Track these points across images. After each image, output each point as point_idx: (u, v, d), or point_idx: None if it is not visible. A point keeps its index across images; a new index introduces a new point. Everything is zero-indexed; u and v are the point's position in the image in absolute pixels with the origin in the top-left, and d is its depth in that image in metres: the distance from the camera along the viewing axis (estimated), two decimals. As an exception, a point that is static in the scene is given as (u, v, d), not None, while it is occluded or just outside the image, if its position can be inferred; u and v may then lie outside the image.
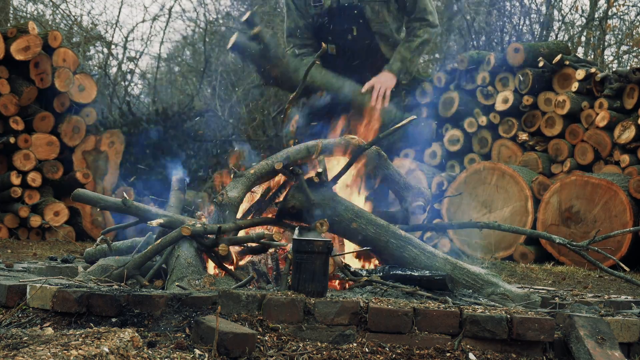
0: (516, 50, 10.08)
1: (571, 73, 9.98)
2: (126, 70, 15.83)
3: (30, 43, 9.57)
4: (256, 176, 4.94)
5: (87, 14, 21.58)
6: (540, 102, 10.02)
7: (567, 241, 5.12)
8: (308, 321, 3.87)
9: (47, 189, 9.89)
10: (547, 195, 9.08)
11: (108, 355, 3.12)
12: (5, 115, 9.52)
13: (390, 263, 4.86)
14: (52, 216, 9.67)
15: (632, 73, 9.50)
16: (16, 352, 2.97)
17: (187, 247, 4.67)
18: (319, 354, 3.70)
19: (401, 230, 4.95)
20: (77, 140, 10.11)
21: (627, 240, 8.66)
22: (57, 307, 3.98)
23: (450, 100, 10.55)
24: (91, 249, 5.47)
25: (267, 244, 4.58)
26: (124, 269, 4.53)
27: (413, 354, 3.80)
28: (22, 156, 9.61)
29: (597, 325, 4.03)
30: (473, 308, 4.07)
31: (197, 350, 3.57)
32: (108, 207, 5.06)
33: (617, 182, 8.80)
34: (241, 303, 3.91)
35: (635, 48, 15.68)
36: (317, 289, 4.03)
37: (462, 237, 9.45)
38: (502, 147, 10.20)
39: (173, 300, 3.94)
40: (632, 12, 16.42)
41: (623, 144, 9.35)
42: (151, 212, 4.94)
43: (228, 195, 4.75)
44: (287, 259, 4.30)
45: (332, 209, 4.88)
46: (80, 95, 10.10)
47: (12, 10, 15.37)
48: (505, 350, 3.93)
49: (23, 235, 9.63)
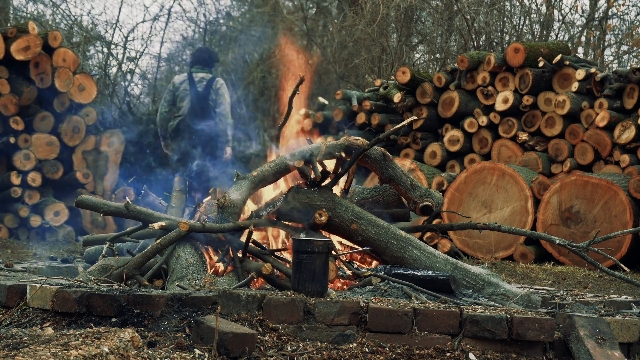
0: (516, 50, 10.08)
1: (571, 73, 9.98)
2: (126, 70, 15.83)
3: (30, 43, 9.57)
4: (259, 178, 4.95)
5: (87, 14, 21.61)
6: (540, 102, 10.02)
7: (567, 242, 5.12)
8: (308, 321, 3.87)
9: (47, 189, 9.89)
10: (547, 195, 9.08)
11: (108, 355, 3.12)
12: (5, 115, 9.51)
13: (390, 264, 4.87)
14: (52, 216, 9.67)
15: (632, 73, 9.49)
16: (16, 352, 2.97)
17: (188, 247, 4.68)
18: (319, 354, 3.70)
19: (401, 231, 4.96)
20: (77, 140, 10.11)
21: (627, 241, 8.66)
22: (57, 307, 3.98)
23: (450, 100, 10.55)
24: (91, 249, 5.48)
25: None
26: (124, 269, 4.53)
27: (413, 354, 3.80)
28: (22, 156, 9.61)
29: (597, 325, 4.03)
30: (473, 308, 4.07)
31: (197, 350, 3.57)
32: (111, 213, 5.06)
33: (617, 182, 8.80)
34: (241, 303, 3.92)
35: (635, 48, 15.68)
36: (317, 289, 4.02)
37: (462, 237, 9.45)
38: (502, 147, 10.20)
39: (173, 300, 3.94)
40: (632, 12, 16.44)
41: (623, 144, 9.35)
42: (154, 215, 4.95)
43: (230, 197, 4.76)
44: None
45: (332, 210, 4.88)
46: (80, 95, 10.10)
47: (12, 10, 15.37)
48: (505, 350, 3.93)
49: (23, 235, 9.63)
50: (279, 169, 5.03)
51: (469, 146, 10.47)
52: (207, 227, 4.59)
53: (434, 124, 10.76)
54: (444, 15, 14.62)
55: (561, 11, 15.44)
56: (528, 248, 9.07)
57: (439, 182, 9.76)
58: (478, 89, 10.37)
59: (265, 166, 5.03)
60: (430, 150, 10.63)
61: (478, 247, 9.35)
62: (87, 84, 10.14)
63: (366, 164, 5.22)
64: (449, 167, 10.54)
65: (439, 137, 10.77)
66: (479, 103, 10.41)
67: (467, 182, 9.56)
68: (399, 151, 10.79)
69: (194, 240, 4.76)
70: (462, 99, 10.49)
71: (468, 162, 10.32)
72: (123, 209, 4.96)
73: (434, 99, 10.61)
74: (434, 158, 10.58)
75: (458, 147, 10.43)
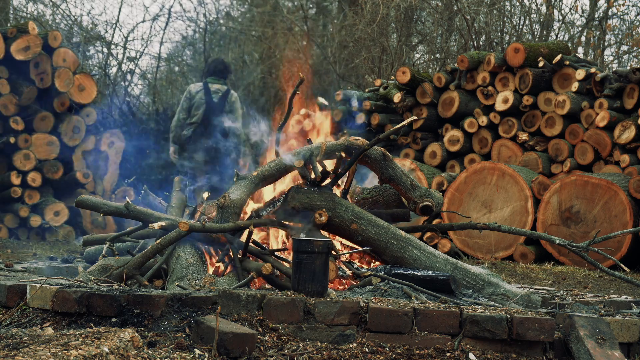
0: (516, 50, 10.08)
1: (571, 73, 9.98)
2: (126, 70, 15.83)
3: (30, 43, 9.57)
4: (259, 178, 4.95)
5: (87, 14, 21.61)
6: (540, 102, 10.02)
7: (567, 242, 5.11)
8: (308, 321, 3.87)
9: (47, 189, 9.89)
10: (547, 195, 9.08)
11: (108, 355, 3.12)
12: (5, 115, 9.52)
13: (390, 264, 4.87)
14: (52, 216, 9.67)
15: (632, 73, 9.49)
16: (16, 352, 2.97)
17: (188, 247, 4.68)
18: (319, 354, 3.70)
19: (401, 231, 4.95)
20: (77, 140, 10.11)
21: (627, 241, 8.66)
22: (57, 307, 3.98)
23: (450, 100, 10.55)
24: (91, 249, 5.48)
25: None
26: (124, 269, 4.53)
27: (413, 354, 3.80)
28: (22, 156, 9.61)
29: (597, 325, 4.03)
30: (473, 308, 4.07)
31: (197, 350, 3.57)
32: (111, 213, 5.06)
33: (617, 182, 8.80)
34: (241, 303, 3.91)
35: (635, 48, 15.68)
36: (317, 289, 4.02)
37: (462, 237, 9.45)
38: (502, 147, 10.20)
39: (173, 300, 3.94)
40: (632, 12, 16.44)
41: (623, 144, 9.35)
42: (154, 215, 4.96)
43: (230, 197, 4.76)
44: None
45: (332, 210, 4.88)
46: (80, 95, 10.10)
47: (12, 10, 15.38)
48: (505, 350, 3.93)
49: (23, 235, 9.63)
50: (279, 169, 5.03)
51: (469, 146, 10.47)
52: (207, 227, 4.59)
53: (434, 124, 10.76)
54: (444, 15, 14.62)
55: (561, 11, 15.45)
56: (528, 248, 9.07)
57: (439, 182, 9.76)
58: (478, 89, 10.37)
59: (265, 166, 5.03)
60: (430, 150, 10.63)
61: (478, 247, 9.35)
62: (87, 84, 10.14)
63: (366, 164, 5.22)
64: (449, 167, 10.54)
65: (439, 137, 10.77)
66: (479, 103, 10.41)
67: (467, 182, 9.56)
68: (399, 151, 10.79)
69: (194, 240, 4.76)
70: (462, 99, 10.48)
71: (468, 162, 10.32)
72: (123, 209, 4.96)
73: (434, 99, 10.61)
74: (434, 158, 10.58)
75: (458, 147, 10.42)
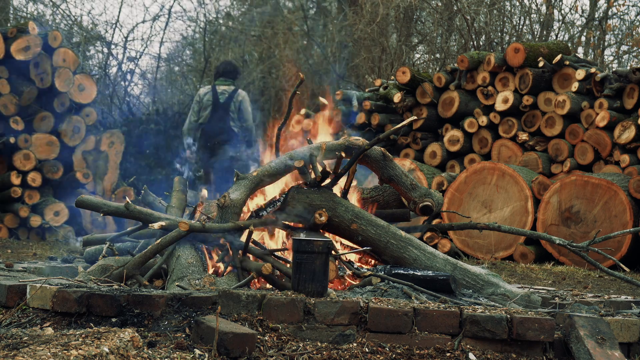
0: (516, 50, 10.07)
1: (571, 73, 9.98)
2: (126, 70, 15.83)
3: (30, 43, 9.57)
4: (259, 178, 4.94)
5: (87, 14, 21.62)
6: (540, 102, 10.02)
7: (567, 242, 5.11)
8: (308, 321, 3.87)
9: (47, 189, 9.89)
10: (547, 195, 9.08)
11: (108, 355, 3.12)
12: (5, 115, 9.52)
13: (390, 264, 4.87)
14: (52, 216, 9.67)
15: (632, 73, 9.49)
16: (16, 352, 2.97)
17: (188, 247, 4.67)
18: (319, 354, 3.70)
19: (401, 231, 4.95)
20: (77, 140, 10.11)
21: (627, 241, 8.66)
22: (57, 307, 3.98)
23: (450, 100, 10.55)
24: (91, 249, 5.48)
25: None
26: (124, 269, 4.53)
27: (413, 354, 3.80)
28: (22, 156, 9.61)
29: (597, 325, 4.03)
30: (473, 308, 4.07)
31: (197, 350, 3.57)
32: (111, 213, 5.06)
33: (617, 182, 8.79)
34: (241, 303, 3.91)
35: (635, 48, 15.68)
36: (317, 289, 4.02)
37: (462, 237, 9.44)
38: (502, 147, 10.20)
39: (173, 300, 3.94)
40: (632, 12, 16.44)
41: (623, 144, 9.35)
42: (154, 215, 4.95)
43: (230, 197, 4.76)
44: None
45: (332, 210, 4.88)
46: (80, 95, 10.10)
47: (12, 10, 15.38)
48: (505, 350, 3.93)
49: (23, 235, 9.63)
50: (279, 169, 5.03)
51: (469, 146, 10.46)
52: (207, 227, 4.59)
53: (434, 124, 10.75)
54: (444, 15, 14.62)
55: (561, 11, 15.45)
56: (528, 248, 9.06)
57: (439, 182, 9.76)
58: (478, 89, 10.37)
59: (266, 166, 5.03)
60: (430, 150, 10.63)
61: (478, 247, 9.35)
62: (87, 84, 10.14)
63: (366, 163, 5.22)
64: (449, 167, 10.54)
65: (439, 137, 10.76)
66: (479, 103, 10.40)
67: (467, 182, 9.55)
68: (399, 151, 10.79)
69: (194, 241, 4.75)
70: (462, 99, 10.48)
71: (468, 162, 10.32)
72: (123, 209, 4.96)
73: (434, 99, 10.60)
74: (434, 158, 10.58)
75: (458, 147, 10.42)
